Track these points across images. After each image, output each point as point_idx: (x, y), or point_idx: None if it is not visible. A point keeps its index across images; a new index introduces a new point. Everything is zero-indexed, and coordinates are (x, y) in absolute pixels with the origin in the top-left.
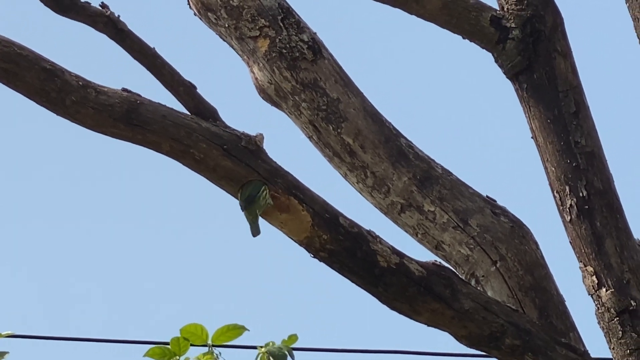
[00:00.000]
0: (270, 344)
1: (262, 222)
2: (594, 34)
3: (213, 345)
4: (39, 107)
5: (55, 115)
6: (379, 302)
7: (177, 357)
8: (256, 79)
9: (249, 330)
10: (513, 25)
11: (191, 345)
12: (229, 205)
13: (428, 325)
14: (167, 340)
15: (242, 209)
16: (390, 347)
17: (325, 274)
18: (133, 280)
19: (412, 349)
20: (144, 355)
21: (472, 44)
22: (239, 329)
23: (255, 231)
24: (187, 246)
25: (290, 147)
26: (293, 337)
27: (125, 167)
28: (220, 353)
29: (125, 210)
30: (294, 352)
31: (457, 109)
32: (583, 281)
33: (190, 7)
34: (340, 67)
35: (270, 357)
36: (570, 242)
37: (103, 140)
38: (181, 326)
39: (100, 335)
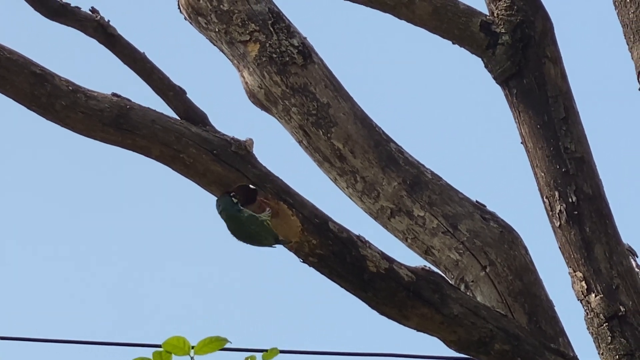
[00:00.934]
0: (249, 359)
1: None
2: (584, 40)
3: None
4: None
5: (44, 119)
6: (368, 307)
7: None
8: (246, 83)
9: (230, 343)
10: (503, 30)
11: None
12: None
13: (417, 330)
14: (151, 342)
15: (274, 244)
16: (378, 350)
17: (314, 277)
18: (117, 283)
19: (402, 352)
20: None
21: (462, 49)
22: (220, 341)
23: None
24: (177, 250)
25: (280, 152)
26: (274, 351)
27: (114, 167)
28: None
29: (115, 205)
30: (280, 355)
31: (447, 114)
32: (572, 286)
33: (180, 11)
34: (330, 72)
35: None
36: (559, 248)
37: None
38: (165, 330)
39: (89, 337)
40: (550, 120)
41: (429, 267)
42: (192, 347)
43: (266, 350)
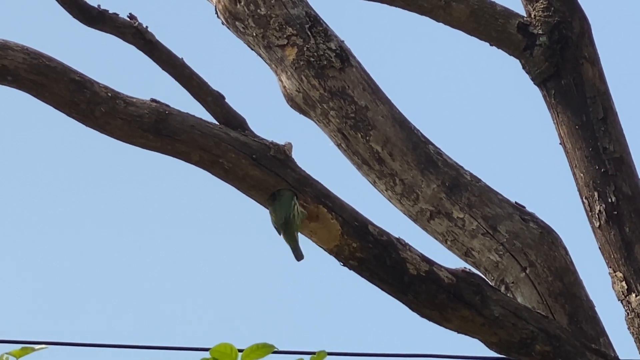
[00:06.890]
0: None
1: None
2: (621, 40)
3: None
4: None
5: (84, 126)
6: (409, 310)
7: None
8: (284, 87)
9: (277, 350)
10: (540, 32)
11: None
12: (254, 214)
13: (458, 332)
14: (197, 346)
15: (280, 234)
16: (420, 351)
17: (356, 280)
18: (161, 287)
19: (444, 353)
20: None
21: (500, 50)
22: (267, 348)
23: (299, 255)
24: (216, 255)
25: (319, 156)
26: (321, 354)
27: (151, 173)
28: None
29: (149, 215)
30: (328, 358)
31: (485, 115)
32: (613, 287)
33: (218, 16)
34: (368, 75)
35: None
36: (599, 248)
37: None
38: (208, 334)
39: (135, 341)
40: (588, 121)
41: (469, 269)
42: (240, 352)
43: (314, 353)
